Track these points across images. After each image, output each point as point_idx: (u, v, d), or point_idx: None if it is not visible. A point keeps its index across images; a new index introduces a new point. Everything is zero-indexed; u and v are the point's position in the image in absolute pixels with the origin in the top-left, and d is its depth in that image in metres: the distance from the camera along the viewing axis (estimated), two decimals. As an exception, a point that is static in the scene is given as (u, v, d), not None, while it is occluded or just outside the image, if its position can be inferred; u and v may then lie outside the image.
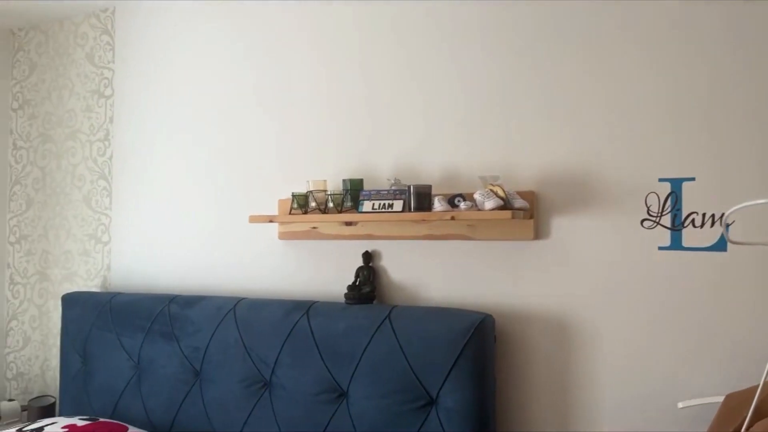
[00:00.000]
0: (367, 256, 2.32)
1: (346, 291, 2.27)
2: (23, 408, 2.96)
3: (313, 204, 2.27)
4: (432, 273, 2.23)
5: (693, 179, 1.86)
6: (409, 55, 2.30)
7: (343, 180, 2.28)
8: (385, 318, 2.07)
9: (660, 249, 1.90)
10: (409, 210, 2.07)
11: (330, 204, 2.26)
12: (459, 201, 2.03)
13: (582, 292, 2.00)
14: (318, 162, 2.46)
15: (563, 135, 2.04)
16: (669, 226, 1.89)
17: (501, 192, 1.95)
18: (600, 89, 1.99)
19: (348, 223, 2.34)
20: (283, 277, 2.53)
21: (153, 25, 2.92)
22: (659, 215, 1.90)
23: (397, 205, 2.09)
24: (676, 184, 1.88)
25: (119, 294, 2.74)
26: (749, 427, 1.43)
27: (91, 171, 3.08)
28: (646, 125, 1.93)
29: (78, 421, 2.33)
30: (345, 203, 2.24)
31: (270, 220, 2.34)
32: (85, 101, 3.10)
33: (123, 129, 2.99)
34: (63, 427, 2.26)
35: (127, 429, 2.30)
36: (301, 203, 2.30)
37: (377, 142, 2.35)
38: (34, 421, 2.42)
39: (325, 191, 2.27)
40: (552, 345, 2.04)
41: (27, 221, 3.28)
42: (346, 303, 2.24)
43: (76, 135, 3.13)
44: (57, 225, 3.18)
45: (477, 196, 1.98)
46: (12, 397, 3.21)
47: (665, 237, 1.89)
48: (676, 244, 1.88)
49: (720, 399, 1.67)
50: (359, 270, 2.32)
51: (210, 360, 2.38)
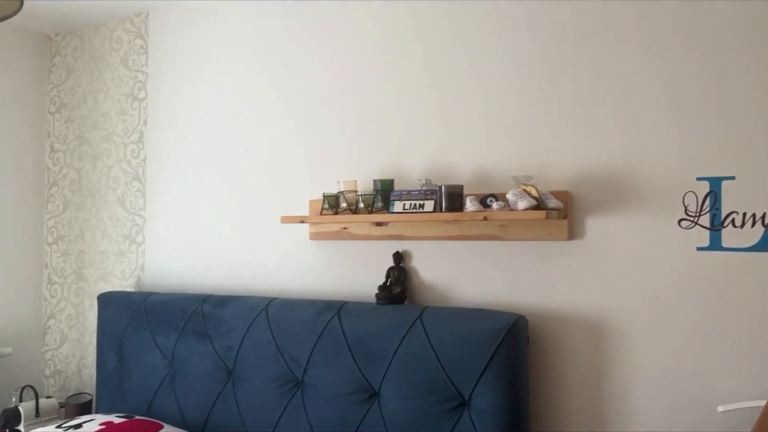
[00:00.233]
0: (398, 256, 2.32)
1: (377, 291, 2.27)
2: (61, 405, 3.02)
3: (344, 204, 2.28)
4: (463, 274, 2.22)
5: (733, 178, 1.81)
6: (440, 54, 2.29)
7: (374, 180, 2.28)
8: (417, 318, 2.06)
9: (698, 249, 1.86)
10: (441, 210, 2.06)
11: (361, 204, 2.26)
12: (491, 201, 2.02)
13: (617, 293, 1.97)
14: (348, 162, 2.47)
15: (598, 135, 2.01)
16: (708, 226, 1.85)
17: (534, 192, 1.92)
18: (635, 87, 1.95)
19: (378, 224, 2.34)
20: (314, 278, 2.54)
21: (185, 29, 2.96)
22: (697, 215, 1.86)
23: (428, 206, 2.08)
24: (715, 183, 1.84)
25: (153, 294, 2.78)
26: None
27: (126, 173, 3.14)
28: (683, 124, 1.89)
29: (115, 419, 2.37)
30: (376, 204, 2.24)
31: (301, 220, 2.35)
32: (120, 104, 3.16)
33: (156, 131, 3.04)
34: (101, 424, 2.31)
35: (162, 427, 2.34)
36: (332, 204, 2.30)
37: (407, 142, 2.34)
38: (72, 418, 2.47)
39: (356, 192, 2.28)
40: (586, 346, 2.01)
41: (64, 222, 3.36)
42: (377, 303, 2.24)
43: (110, 137, 3.19)
44: (93, 226, 3.25)
45: (510, 196, 1.96)
46: (50, 395, 3.28)
47: (704, 237, 1.85)
48: (715, 244, 1.84)
49: (762, 403, 1.63)
50: (390, 270, 2.32)
51: (243, 359, 2.40)
